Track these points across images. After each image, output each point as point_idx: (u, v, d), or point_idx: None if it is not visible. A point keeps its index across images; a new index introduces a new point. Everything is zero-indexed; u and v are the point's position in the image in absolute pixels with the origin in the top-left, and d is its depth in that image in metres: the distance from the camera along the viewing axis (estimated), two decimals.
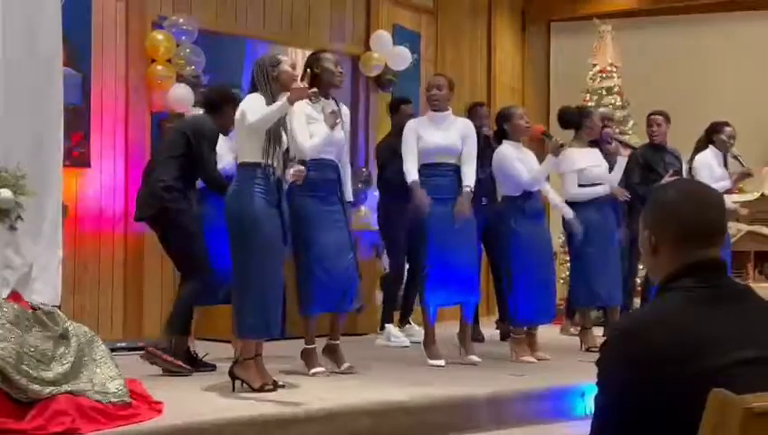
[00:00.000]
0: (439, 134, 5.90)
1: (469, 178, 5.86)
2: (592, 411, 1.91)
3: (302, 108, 5.26)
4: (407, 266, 7.31)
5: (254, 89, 4.92)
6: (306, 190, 5.26)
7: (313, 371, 5.30)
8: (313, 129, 5.32)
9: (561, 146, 6.19)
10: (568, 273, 8.93)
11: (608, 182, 6.72)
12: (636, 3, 10.40)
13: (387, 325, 7.09)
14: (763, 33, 9.89)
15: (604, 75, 9.58)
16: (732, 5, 10.01)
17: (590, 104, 9.29)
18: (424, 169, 5.91)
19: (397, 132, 6.70)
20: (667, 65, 9.91)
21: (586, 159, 6.67)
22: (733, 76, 9.78)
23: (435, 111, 5.99)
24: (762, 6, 9.87)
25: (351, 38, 8.60)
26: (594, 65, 9.64)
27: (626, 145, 7.01)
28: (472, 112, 7.01)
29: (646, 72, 9.74)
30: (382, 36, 8.61)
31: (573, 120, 6.89)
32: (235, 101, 5.44)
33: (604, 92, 9.47)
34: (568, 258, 8.94)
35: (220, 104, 5.61)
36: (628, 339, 1.85)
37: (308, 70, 5.35)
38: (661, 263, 1.97)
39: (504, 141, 6.28)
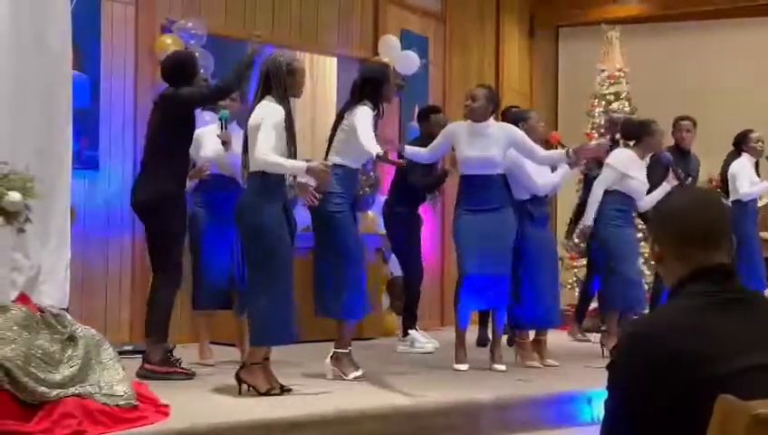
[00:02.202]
0: (474, 147, 5.89)
1: (549, 157, 6.04)
2: (602, 415, 1.92)
3: (370, 115, 5.38)
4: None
5: (265, 85, 4.87)
6: (341, 194, 5.38)
7: (353, 375, 5.34)
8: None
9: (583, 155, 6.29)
10: (575, 278, 8.94)
11: (643, 199, 6.69)
12: (643, 8, 10.38)
13: (410, 331, 7.08)
14: None
15: (612, 81, 9.57)
16: (740, 12, 9.99)
17: (598, 110, 9.30)
18: (464, 179, 5.98)
19: (425, 140, 6.73)
20: (675, 70, 9.89)
21: (635, 170, 6.62)
22: (741, 82, 9.76)
23: (471, 121, 5.99)
24: None
25: (359, 42, 8.60)
26: (602, 71, 9.63)
27: (680, 178, 6.91)
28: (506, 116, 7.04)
29: (654, 77, 9.73)
30: (390, 41, 8.62)
31: (634, 133, 6.89)
32: (196, 64, 5.56)
33: (612, 98, 9.46)
34: (575, 263, 8.95)
35: (185, 74, 5.46)
36: (637, 343, 1.86)
37: (380, 81, 5.50)
38: (668, 269, 1.99)
39: None
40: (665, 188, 6.70)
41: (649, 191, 6.72)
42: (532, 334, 6.35)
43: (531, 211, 6.18)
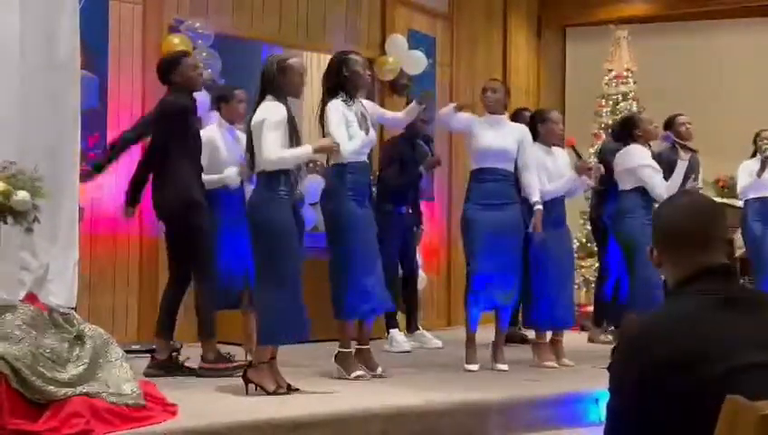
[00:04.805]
0: (492, 135, 5.91)
1: (536, 193, 5.94)
2: (604, 417, 1.93)
3: (341, 111, 5.39)
4: (400, 272, 7.28)
5: (262, 87, 4.90)
6: (347, 193, 5.36)
7: (354, 374, 5.33)
8: (351, 132, 5.40)
9: (589, 169, 6.25)
10: (582, 278, 8.91)
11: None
12: (651, 8, 10.37)
13: (391, 331, 7.08)
14: None
15: (620, 81, 9.56)
16: (748, 11, 9.97)
17: (605, 110, 9.29)
18: (477, 173, 5.96)
19: (406, 137, 7.01)
20: (683, 71, 9.87)
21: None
22: (749, 81, 9.74)
23: (489, 112, 6.02)
24: None
25: (366, 42, 8.60)
26: (610, 71, 9.62)
27: (688, 149, 6.88)
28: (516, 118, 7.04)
29: (661, 77, 9.71)
30: (397, 40, 8.62)
31: (623, 135, 6.72)
32: (179, 61, 5.57)
33: (620, 98, 9.46)
34: (583, 263, 8.94)
35: (170, 76, 5.56)
36: (637, 344, 1.87)
37: (336, 71, 5.51)
38: (668, 274, 2.03)
39: (534, 143, 6.29)
40: (682, 163, 6.62)
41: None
42: (548, 335, 6.33)
43: (548, 211, 6.14)
